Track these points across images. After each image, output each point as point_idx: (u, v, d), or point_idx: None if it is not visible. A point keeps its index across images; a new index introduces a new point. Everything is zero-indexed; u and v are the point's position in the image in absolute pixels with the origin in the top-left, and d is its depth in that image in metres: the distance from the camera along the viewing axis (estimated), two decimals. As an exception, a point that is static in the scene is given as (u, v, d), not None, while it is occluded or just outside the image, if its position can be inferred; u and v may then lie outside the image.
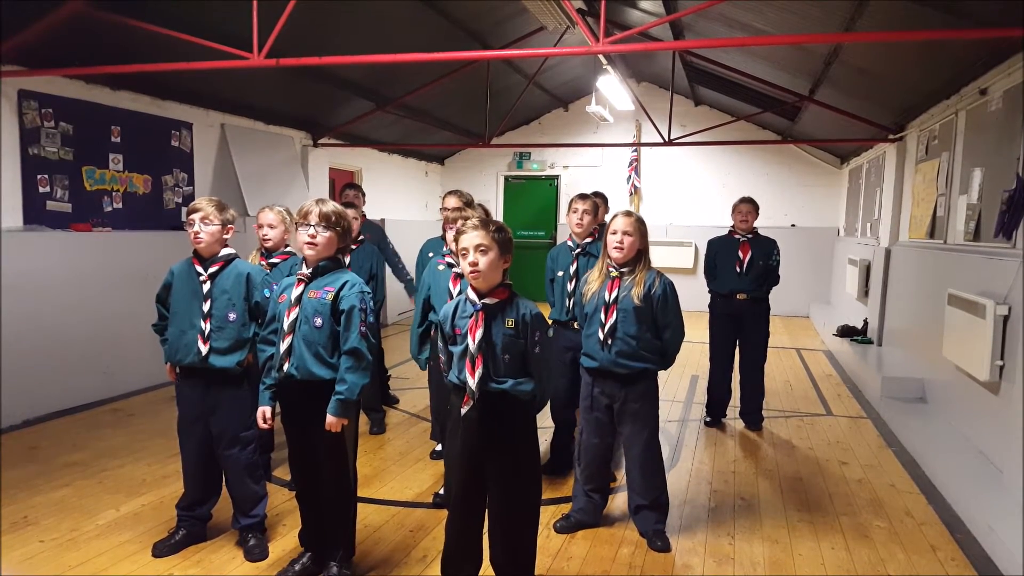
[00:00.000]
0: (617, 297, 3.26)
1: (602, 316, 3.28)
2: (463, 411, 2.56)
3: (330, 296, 2.77)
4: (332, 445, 2.83)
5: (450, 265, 3.60)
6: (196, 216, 3.06)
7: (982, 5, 3.89)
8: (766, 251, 5.12)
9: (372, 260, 4.69)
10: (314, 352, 2.76)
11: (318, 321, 2.76)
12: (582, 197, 4.07)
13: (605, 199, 5.80)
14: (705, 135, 9.17)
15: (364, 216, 5.20)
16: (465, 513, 2.66)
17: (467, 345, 2.53)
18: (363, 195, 5.62)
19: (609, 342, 3.26)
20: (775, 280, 5.18)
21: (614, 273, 3.30)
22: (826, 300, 10.91)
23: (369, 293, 2.84)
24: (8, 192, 4.99)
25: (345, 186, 5.72)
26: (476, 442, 2.58)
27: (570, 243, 4.07)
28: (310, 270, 2.82)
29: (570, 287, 3.98)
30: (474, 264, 2.49)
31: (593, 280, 3.37)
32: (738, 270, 5.11)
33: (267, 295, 3.14)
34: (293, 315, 2.78)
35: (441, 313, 2.71)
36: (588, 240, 4.03)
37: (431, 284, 3.64)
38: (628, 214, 3.30)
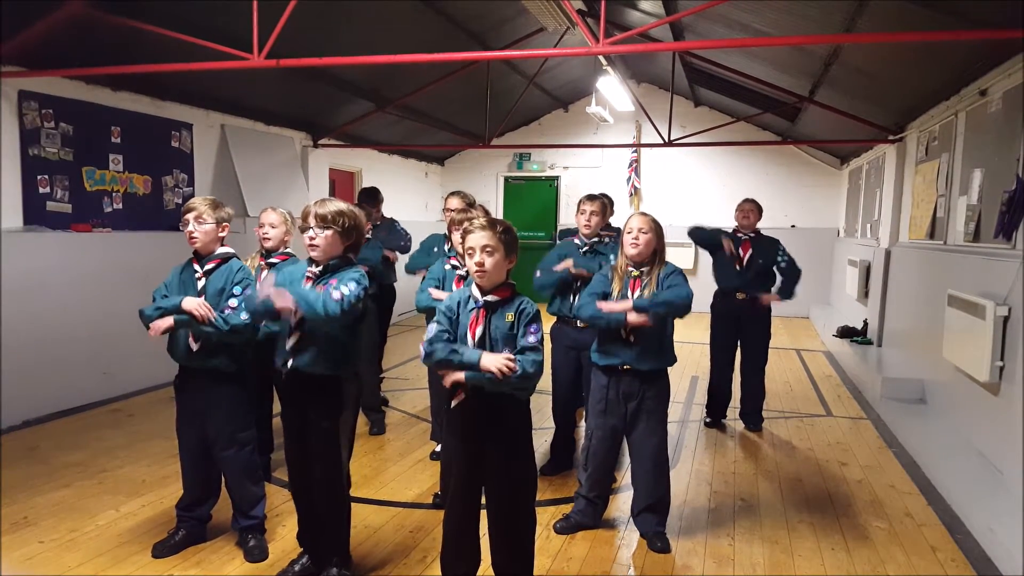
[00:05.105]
0: (641, 296, 3.28)
1: None
2: (453, 403, 2.58)
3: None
4: (325, 446, 2.84)
5: (454, 267, 3.67)
6: (190, 216, 3.08)
7: (982, 6, 3.89)
8: (767, 251, 5.11)
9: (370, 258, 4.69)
10: (320, 348, 2.78)
11: None
12: (590, 198, 4.11)
13: (611, 201, 5.83)
14: (705, 136, 9.15)
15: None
16: (461, 510, 2.66)
17: (466, 341, 2.54)
18: (377, 200, 5.77)
19: (632, 339, 3.27)
20: (796, 272, 5.07)
21: (634, 272, 3.32)
22: (826, 301, 10.90)
23: (365, 277, 2.80)
24: (8, 193, 4.98)
25: (361, 195, 5.91)
26: (469, 440, 2.58)
27: (577, 241, 4.11)
28: (319, 268, 2.83)
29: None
30: (480, 264, 2.50)
31: (614, 286, 3.37)
32: (738, 268, 5.12)
33: (238, 293, 3.06)
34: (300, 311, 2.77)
35: (446, 301, 2.70)
36: (595, 240, 4.08)
37: (438, 278, 3.76)
38: (643, 214, 3.37)
